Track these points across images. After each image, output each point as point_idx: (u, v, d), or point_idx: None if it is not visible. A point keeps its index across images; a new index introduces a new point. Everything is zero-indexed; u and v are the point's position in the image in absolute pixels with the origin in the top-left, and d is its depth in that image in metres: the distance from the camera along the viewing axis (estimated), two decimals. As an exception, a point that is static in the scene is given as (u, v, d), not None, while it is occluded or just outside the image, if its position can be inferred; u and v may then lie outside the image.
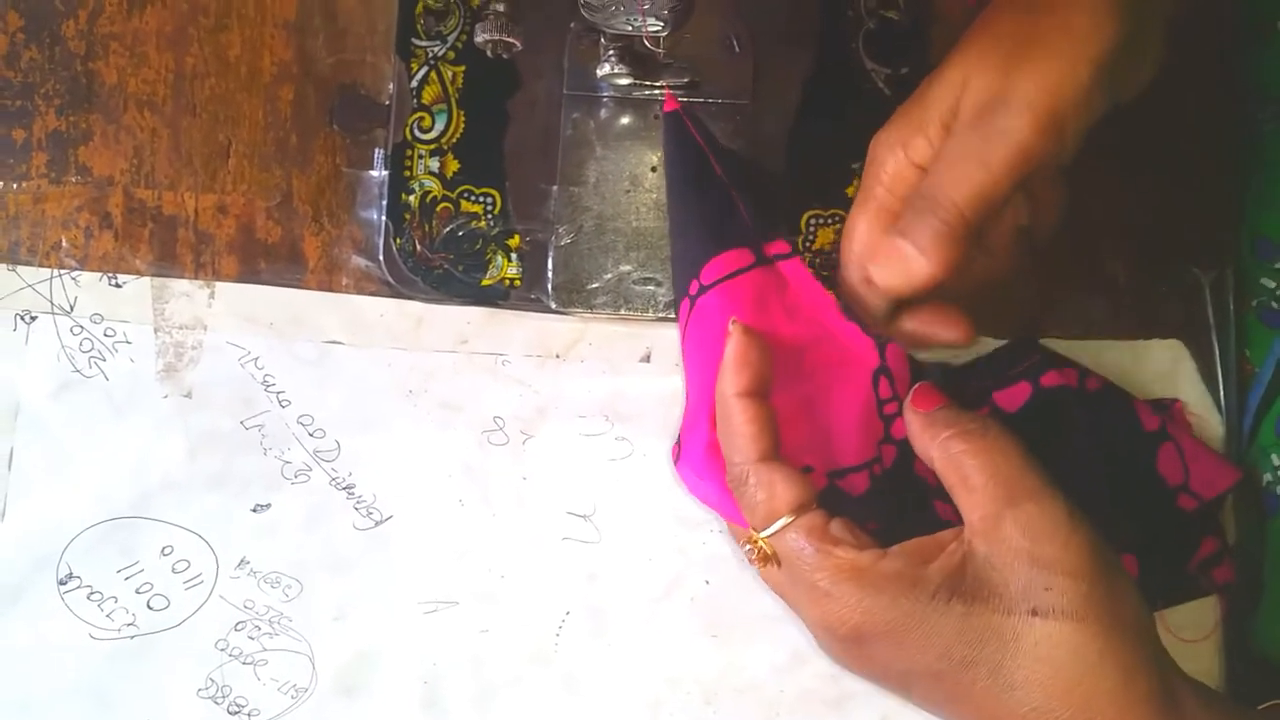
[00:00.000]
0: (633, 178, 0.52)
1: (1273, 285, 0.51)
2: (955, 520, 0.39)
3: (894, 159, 0.42)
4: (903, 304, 0.43)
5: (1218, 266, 0.52)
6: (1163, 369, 0.51)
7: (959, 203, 0.38)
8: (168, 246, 0.51)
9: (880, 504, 0.44)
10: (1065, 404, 0.47)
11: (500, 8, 0.40)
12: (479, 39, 0.42)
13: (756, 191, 0.45)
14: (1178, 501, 0.48)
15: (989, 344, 0.50)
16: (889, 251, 0.39)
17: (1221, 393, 0.51)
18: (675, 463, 0.45)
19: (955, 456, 0.39)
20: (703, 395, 0.42)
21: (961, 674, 0.36)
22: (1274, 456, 0.50)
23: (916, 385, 0.43)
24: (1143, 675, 0.35)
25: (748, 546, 0.40)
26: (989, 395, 0.47)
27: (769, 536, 0.39)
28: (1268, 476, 0.50)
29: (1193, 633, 0.50)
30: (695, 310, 0.44)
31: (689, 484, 0.45)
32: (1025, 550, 0.36)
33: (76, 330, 0.50)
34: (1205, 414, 0.51)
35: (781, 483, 0.39)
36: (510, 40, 0.41)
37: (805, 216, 0.52)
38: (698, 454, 0.43)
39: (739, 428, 0.40)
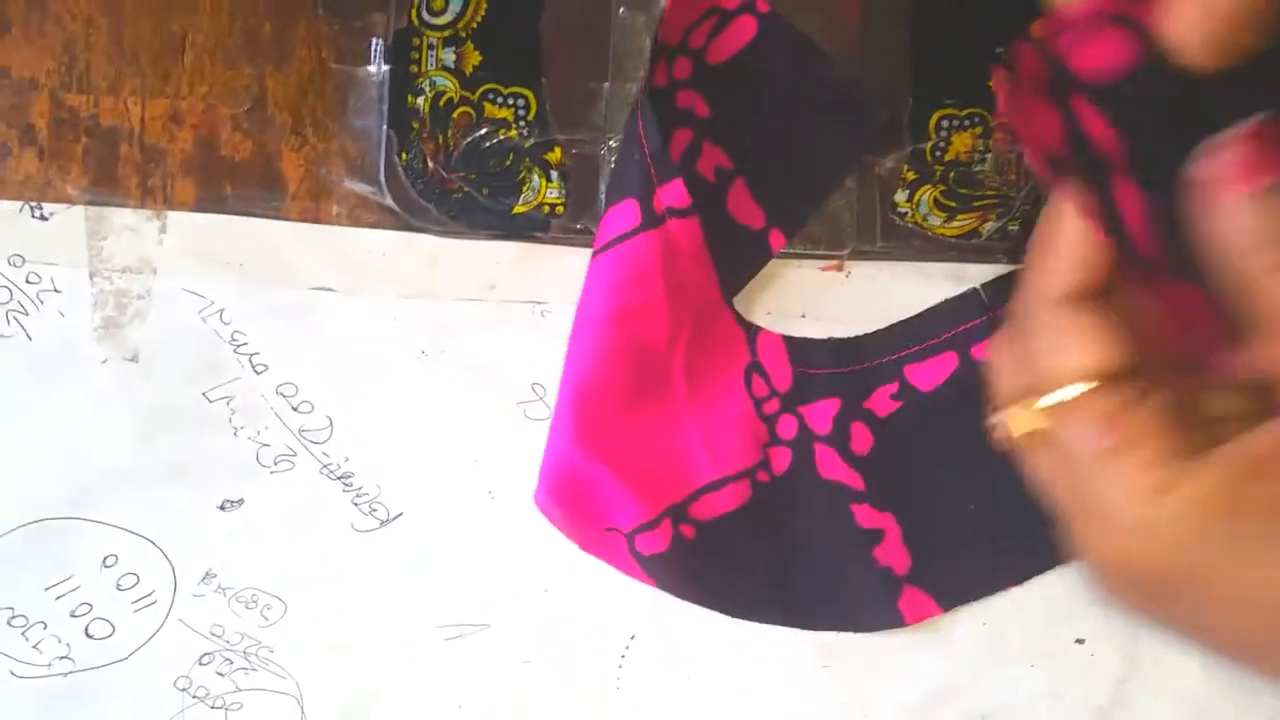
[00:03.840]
0: (708, 72, 0.45)
1: None
2: (877, 527, 0.40)
3: None
4: None
5: None
6: None
7: None
8: (106, 167, 0.45)
9: (765, 514, 0.43)
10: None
11: None
12: None
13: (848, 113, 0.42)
14: None
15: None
16: None
17: None
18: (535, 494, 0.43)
19: None
20: (569, 397, 0.41)
21: None
22: None
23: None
24: None
25: (1000, 418, 0.31)
26: (900, 370, 0.44)
27: (1045, 409, 0.30)
28: None
29: None
30: (587, 275, 0.41)
31: (548, 515, 0.43)
32: None
33: (-10, 276, 0.46)
34: None
35: (1089, 330, 0.29)
36: None
37: (935, 117, 0.44)
38: (556, 473, 0.41)
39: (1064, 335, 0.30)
